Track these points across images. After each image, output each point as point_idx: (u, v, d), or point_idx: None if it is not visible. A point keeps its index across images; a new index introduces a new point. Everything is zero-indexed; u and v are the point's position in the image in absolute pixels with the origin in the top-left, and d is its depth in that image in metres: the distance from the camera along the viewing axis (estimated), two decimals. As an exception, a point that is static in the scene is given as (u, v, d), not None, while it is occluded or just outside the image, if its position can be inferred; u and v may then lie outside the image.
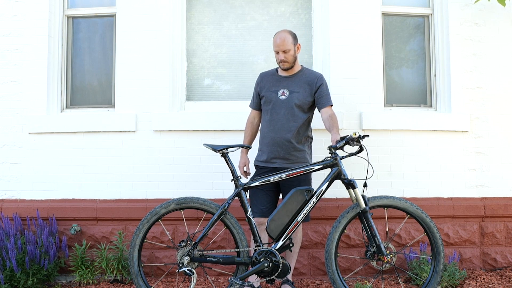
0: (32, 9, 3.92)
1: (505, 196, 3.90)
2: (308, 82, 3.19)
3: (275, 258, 2.79)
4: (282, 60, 3.15)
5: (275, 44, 3.14)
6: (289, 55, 3.14)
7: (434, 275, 2.88)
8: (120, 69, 3.91)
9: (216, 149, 2.97)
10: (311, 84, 3.19)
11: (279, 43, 3.11)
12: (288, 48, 3.11)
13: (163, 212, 2.89)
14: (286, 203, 2.84)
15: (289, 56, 3.14)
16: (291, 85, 3.19)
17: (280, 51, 3.12)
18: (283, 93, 3.18)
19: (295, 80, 3.21)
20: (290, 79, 3.22)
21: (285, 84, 3.21)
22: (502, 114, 3.96)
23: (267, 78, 3.30)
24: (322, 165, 2.92)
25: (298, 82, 3.20)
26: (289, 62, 3.16)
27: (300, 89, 3.18)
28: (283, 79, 3.23)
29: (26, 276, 3.31)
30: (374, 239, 2.82)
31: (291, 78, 3.23)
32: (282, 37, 3.12)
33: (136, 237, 2.86)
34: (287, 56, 3.13)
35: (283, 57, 3.13)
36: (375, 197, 2.92)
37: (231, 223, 2.88)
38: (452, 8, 3.96)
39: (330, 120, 3.10)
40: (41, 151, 3.87)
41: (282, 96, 3.18)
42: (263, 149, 3.22)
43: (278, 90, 3.20)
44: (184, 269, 2.75)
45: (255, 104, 3.35)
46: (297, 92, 3.16)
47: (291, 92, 3.17)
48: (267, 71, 3.39)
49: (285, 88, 3.19)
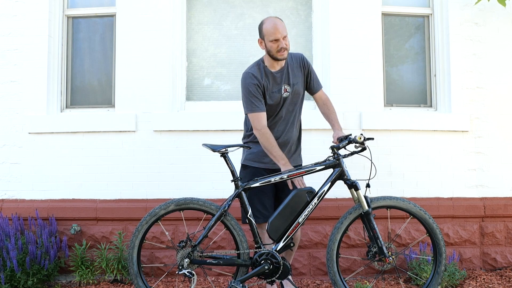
0: (32, 9, 3.92)
1: (505, 196, 3.90)
2: (298, 67, 2.96)
3: (276, 260, 2.75)
4: (283, 48, 2.81)
5: (273, 31, 2.79)
6: (287, 41, 2.85)
7: (435, 276, 2.85)
8: (120, 69, 3.91)
9: (215, 149, 2.84)
10: (301, 68, 2.97)
11: (277, 28, 2.79)
12: (286, 34, 2.83)
13: (162, 213, 2.84)
14: (287, 205, 2.76)
15: (288, 43, 2.85)
16: (289, 78, 2.94)
17: (280, 37, 2.79)
18: (285, 89, 2.93)
19: (289, 71, 2.95)
20: (284, 71, 2.94)
21: (283, 79, 2.93)
22: (502, 114, 3.96)
23: (264, 75, 2.91)
24: (324, 165, 2.82)
25: (292, 72, 2.95)
26: (288, 50, 2.86)
27: (298, 78, 2.95)
28: (278, 74, 2.93)
29: (26, 276, 3.31)
30: (377, 241, 2.76)
31: (285, 70, 2.94)
32: (277, 23, 2.81)
33: (135, 238, 2.83)
34: (287, 43, 2.84)
35: (284, 44, 2.81)
36: (377, 198, 2.85)
37: (231, 225, 2.82)
38: (452, 8, 3.96)
39: (326, 109, 2.99)
40: (41, 151, 3.87)
41: (285, 93, 2.93)
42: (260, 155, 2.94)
43: (280, 88, 2.92)
44: (184, 272, 2.72)
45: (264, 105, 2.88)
46: (296, 83, 2.95)
47: (292, 86, 2.94)
48: (252, 67, 2.94)
49: (285, 84, 2.93)
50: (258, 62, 2.96)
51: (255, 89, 2.86)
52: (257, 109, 2.85)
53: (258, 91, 2.87)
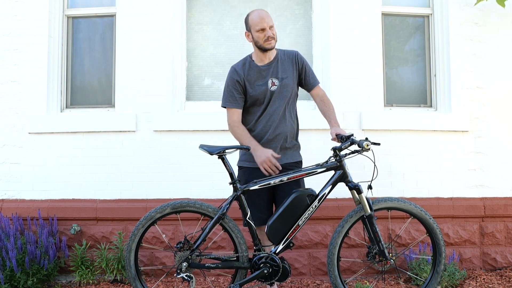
0: (32, 9, 3.92)
1: (505, 196, 3.90)
2: (290, 62, 2.93)
3: (275, 263, 2.72)
4: (270, 37, 2.79)
5: (259, 21, 2.78)
6: (274, 31, 2.83)
7: (434, 275, 2.85)
8: (120, 69, 3.91)
9: (212, 151, 2.73)
10: (293, 63, 2.93)
11: (263, 18, 2.79)
12: (272, 24, 2.81)
13: (158, 216, 2.77)
14: (287, 208, 2.71)
15: (275, 33, 2.84)
16: (277, 72, 2.89)
17: (267, 26, 2.78)
18: (273, 83, 2.87)
19: (278, 65, 2.90)
20: (272, 65, 2.90)
21: (271, 73, 2.89)
22: (502, 114, 3.96)
23: (247, 70, 2.89)
24: (326, 167, 2.76)
25: (282, 66, 2.91)
26: (275, 40, 2.84)
27: (288, 73, 2.90)
28: (265, 68, 2.89)
29: (26, 276, 3.31)
30: (378, 244, 2.73)
31: (273, 63, 2.90)
32: (262, 13, 2.81)
33: (132, 242, 2.79)
34: (274, 33, 2.82)
35: (271, 33, 2.79)
36: (379, 200, 2.83)
37: (230, 227, 2.77)
38: (452, 8, 3.96)
39: (324, 105, 2.95)
40: (41, 151, 3.87)
41: (272, 87, 2.87)
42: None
43: (266, 81, 2.87)
44: (182, 275, 2.68)
45: (240, 102, 2.90)
46: (286, 78, 2.89)
47: (281, 79, 2.88)
48: (239, 62, 2.97)
49: (273, 77, 2.88)
50: (246, 57, 2.97)
51: (233, 84, 2.89)
52: (230, 105, 2.91)
53: (236, 87, 2.89)
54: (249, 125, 2.93)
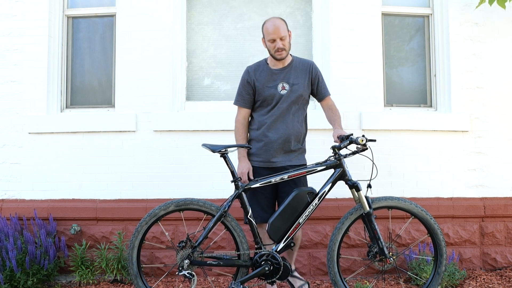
0: (32, 9, 3.92)
1: (505, 196, 3.90)
2: (304, 71, 3.02)
3: (276, 261, 2.75)
4: (280, 48, 2.90)
5: (271, 32, 2.89)
6: (286, 42, 2.92)
7: (435, 276, 2.85)
8: (120, 69, 3.91)
9: (214, 149, 2.82)
10: (307, 72, 3.03)
11: (275, 29, 2.88)
12: (284, 35, 2.90)
13: (162, 214, 2.83)
14: (288, 206, 2.75)
15: (287, 43, 2.93)
16: (289, 77, 2.99)
17: (277, 38, 2.88)
18: (283, 87, 2.97)
19: (291, 71, 3.00)
20: (285, 70, 3.01)
21: (282, 77, 2.99)
22: (502, 114, 3.96)
23: (259, 72, 3.03)
24: (325, 166, 2.81)
25: (294, 73, 3.00)
26: (287, 50, 2.95)
27: (299, 80, 3.00)
28: (278, 72, 3.00)
29: (26, 276, 3.30)
30: (378, 242, 2.75)
31: (286, 69, 3.01)
32: (276, 24, 2.90)
33: (135, 239, 2.82)
34: (285, 43, 2.91)
35: (281, 44, 2.89)
36: (378, 198, 2.84)
37: (232, 226, 2.81)
38: (452, 8, 3.96)
39: (331, 113, 3.05)
40: (41, 151, 3.87)
41: (282, 90, 2.97)
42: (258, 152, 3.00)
43: (277, 84, 2.97)
44: (184, 273, 2.71)
45: (247, 102, 3.05)
46: (297, 84, 2.98)
47: (292, 85, 2.97)
48: (254, 64, 3.11)
49: (284, 82, 2.98)
50: (262, 60, 3.12)
51: (244, 84, 3.06)
52: (238, 103, 3.09)
53: (246, 88, 3.04)
54: (256, 124, 3.05)
